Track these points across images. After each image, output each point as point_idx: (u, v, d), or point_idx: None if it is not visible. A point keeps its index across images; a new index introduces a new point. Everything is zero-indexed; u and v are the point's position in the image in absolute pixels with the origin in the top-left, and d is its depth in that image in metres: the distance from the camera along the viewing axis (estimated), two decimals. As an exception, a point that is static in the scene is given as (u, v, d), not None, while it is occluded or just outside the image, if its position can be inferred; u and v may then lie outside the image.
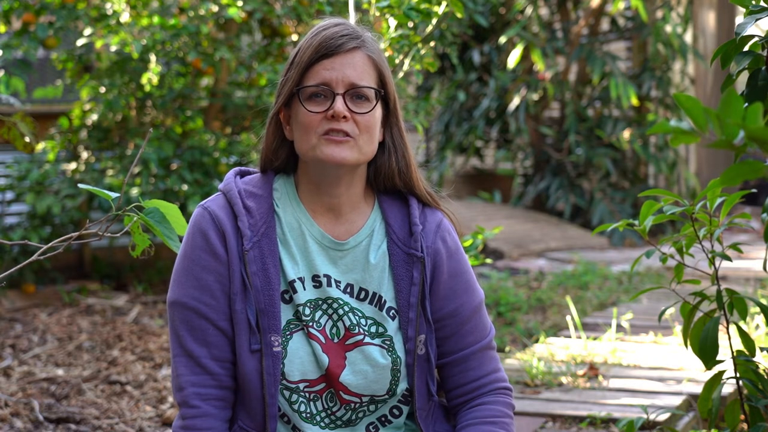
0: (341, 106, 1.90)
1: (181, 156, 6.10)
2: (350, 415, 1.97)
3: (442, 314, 2.01)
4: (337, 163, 1.90)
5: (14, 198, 6.36)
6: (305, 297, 1.95)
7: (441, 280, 2.01)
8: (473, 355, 2.03)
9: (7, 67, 5.87)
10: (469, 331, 2.02)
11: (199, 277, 1.93)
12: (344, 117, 1.90)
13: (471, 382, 2.03)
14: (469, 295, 2.03)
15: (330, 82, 1.91)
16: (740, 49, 2.10)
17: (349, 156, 1.90)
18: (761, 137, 1.24)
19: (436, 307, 2.00)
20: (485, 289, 5.96)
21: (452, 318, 2.01)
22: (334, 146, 1.90)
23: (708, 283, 4.43)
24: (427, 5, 3.08)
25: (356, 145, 1.91)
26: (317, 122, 1.91)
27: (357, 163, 1.93)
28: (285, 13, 5.87)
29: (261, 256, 1.93)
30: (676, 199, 2.29)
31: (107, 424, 3.69)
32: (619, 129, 9.41)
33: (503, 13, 9.88)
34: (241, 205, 1.95)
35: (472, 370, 2.03)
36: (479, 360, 2.03)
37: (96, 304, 5.86)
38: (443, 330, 2.01)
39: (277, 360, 1.91)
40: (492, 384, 2.04)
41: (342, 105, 1.90)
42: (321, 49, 1.92)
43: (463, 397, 2.03)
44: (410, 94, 5.51)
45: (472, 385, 2.03)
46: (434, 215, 2.04)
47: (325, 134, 1.90)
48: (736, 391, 3.12)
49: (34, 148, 2.06)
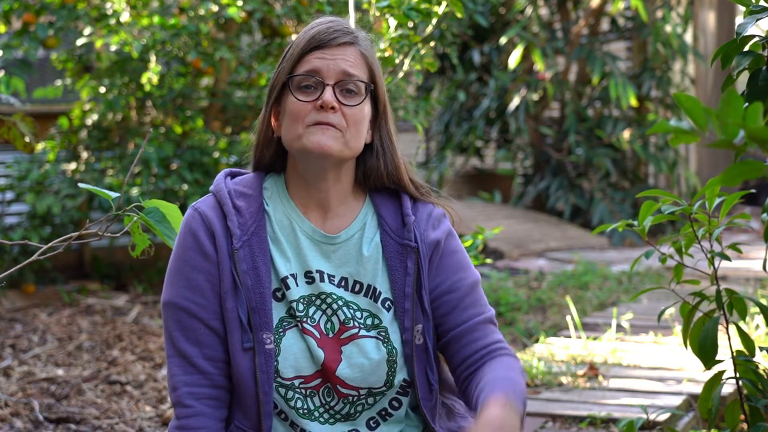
0: (330, 96, 1.90)
1: (181, 156, 6.10)
2: (349, 408, 1.97)
3: (440, 291, 2.00)
4: (322, 152, 1.90)
5: (14, 198, 6.37)
6: (298, 293, 1.95)
7: (436, 260, 2.01)
8: (475, 326, 2.01)
9: (7, 67, 5.87)
10: (469, 304, 2.01)
11: (190, 277, 1.94)
12: (332, 108, 1.90)
13: (476, 352, 2.00)
14: (465, 272, 2.03)
15: (320, 71, 1.92)
16: (741, 49, 2.10)
17: (334, 145, 1.90)
18: (761, 137, 1.24)
19: (433, 285, 2.00)
20: (485, 289, 5.96)
21: (450, 293, 2.01)
22: (320, 134, 1.90)
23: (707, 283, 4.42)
24: (427, 5, 3.08)
25: (342, 137, 1.91)
26: (306, 112, 1.91)
27: (341, 155, 1.93)
28: (285, 13, 5.87)
29: (251, 255, 1.93)
30: (675, 200, 2.29)
31: (107, 424, 3.69)
32: (619, 129, 9.41)
33: (503, 13, 9.88)
34: (230, 205, 1.96)
35: (477, 341, 2.00)
36: (482, 331, 2.01)
37: (96, 304, 5.86)
38: (442, 307, 2.01)
39: (270, 358, 1.91)
40: (497, 351, 2.01)
41: (331, 95, 1.90)
42: (314, 41, 1.94)
43: (472, 367, 2.00)
44: (410, 94, 5.51)
45: (478, 354, 1.99)
46: (425, 206, 2.05)
47: (312, 125, 1.91)
48: (736, 391, 3.12)
49: (34, 148, 2.06)
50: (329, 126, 1.91)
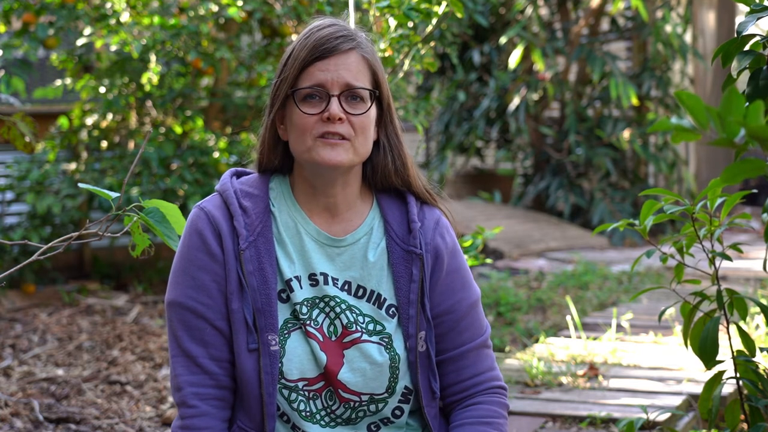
0: (337, 108, 1.90)
1: (181, 156, 6.10)
2: (350, 413, 1.97)
3: (440, 311, 2.01)
4: (332, 166, 1.91)
5: (14, 198, 6.37)
6: (302, 296, 1.94)
7: (439, 276, 2.01)
8: (469, 352, 2.02)
9: (7, 67, 5.87)
10: (466, 327, 2.03)
11: (196, 277, 1.93)
12: (339, 119, 1.90)
13: (466, 380, 2.02)
14: (466, 292, 2.04)
15: (325, 84, 1.91)
16: (741, 49, 2.10)
17: (344, 158, 1.91)
18: (762, 135, 1.24)
19: (433, 304, 2.01)
20: (485, 289, 5.96)
21: (449, 314, 2.01)
22: (330, 149, 1.90)
23: (708, 283, 4.42)
24: (427, 5, 3.08)
25: (351, 146, 1.91)
26: (312, 124, 1.91)
27: (352, 164, 1.94)
28: (285, 13, 5.87)
29: (257, 256, 1.93)
30: (677, 199, 2.29)
31: (107, 424, 3.69)
32: (619, 129, 9.41)
33: (503, 13, 9.88)
34: (237, 205, 1.95)
35: (468, 368, 2.02)
36: (475, 358, 2.03)
37: (96, 304, 5.85)
38: (440, 327, 2.01)
39: (274, 359, 1.91)
40: (487, 383, 2.04)
41: (337, 107, 1.90)
42: (315, 51, 1.92)
43: (458, 395, 2.03)
44: (410, 94, 5.50)
45: (466, 383, 2.02)
46: (432, 212, 2.05)
47: (320, 137, 1.90)
48: (736, 391, 3.11)
49: (34, 148, 2.06)
50: (338, 138, 1.90)
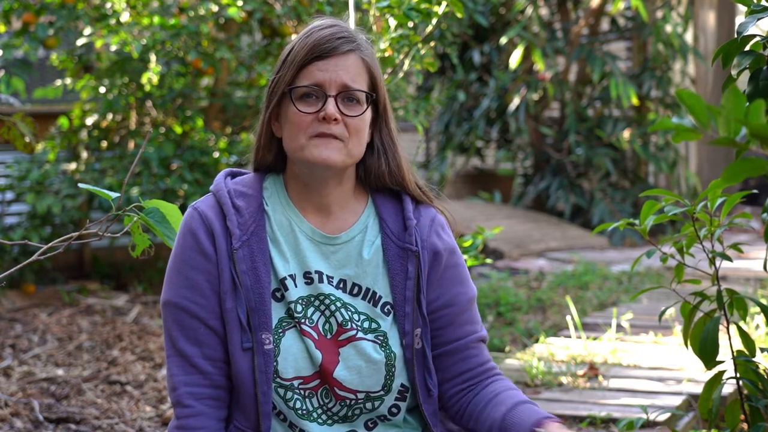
0: (333, 109, 1.90)
1: (181, 156, 6.10)
2: (346, 411, 1.97)
3: (439, 304, 2.01)
4: (325, 165, 1.91)
5: (14, 198, 6.36)
6: (297, 294, 1.95)
7: (437, 272, 2.01)
8: (473, 343, 2.04)
9: (7, 67, 5.87)
10: (466, 320, 2.04)
11: (189, 277, 1.94)
12: (335, 119, 1.90)
13: (476, 367, 2.03)
14: (464, 287, 2.05)
15: (323, 84, 1.92)
16: (741, 49, 2.10)
17: (337, 158, 1.91)
18: (764, 134, 1.24)
19: (432, 298, 2.01)
20: (485, 289, 5.96)
21: (449, 308, 2.02)
22: (323, 148, 1.91)
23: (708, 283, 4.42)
24: (427, 5, 3.08)
25: (345, 147, 1.92)
26: (308, 123, 1.92)
27: (345, 165, 1.94)
28: (285, 13, 5.87)
29: (251, 255, 1.93)
30: (677, 199, 2.29)
31: (107, 424, 3.69)
32: (619, 129, 9.41)
33: (503, 13, 9.88)
34: (230, 205, 1.96)
35: (475, 357, 2.03)
36: (479, 349, 2.05)
37: (96, 304, 5.85)
38: (439, 320, 2.02)
39: (269, 358, 1.91)
40: (494, 370, 2.06)
41: (334, 107, 1.91)
42: (315, 51, 1.93)
43: (469, 382, 2.03)
44: (410, 94, 5.50)
45: (478, 370, 2.03)
46: (428, 211, 2.05)
47: (315, 136, 1.91)
48: (736, 391, 3.11)
49: (34, 148, 2.06)
50: (332, 138, 1.91)
